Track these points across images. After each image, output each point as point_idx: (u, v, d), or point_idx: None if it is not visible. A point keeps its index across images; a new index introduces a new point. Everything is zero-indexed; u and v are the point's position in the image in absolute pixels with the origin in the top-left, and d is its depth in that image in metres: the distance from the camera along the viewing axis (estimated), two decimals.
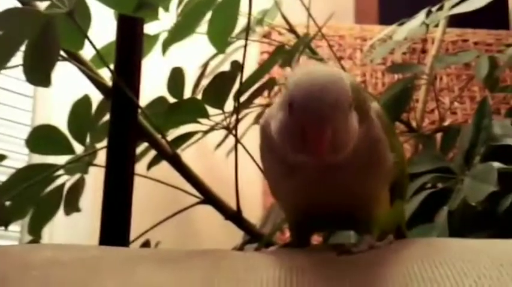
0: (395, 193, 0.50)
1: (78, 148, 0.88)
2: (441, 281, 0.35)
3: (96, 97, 0.87)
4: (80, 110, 0.87)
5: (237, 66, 0.76)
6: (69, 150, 0.88)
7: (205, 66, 1.05)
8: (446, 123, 1.29)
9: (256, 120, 1.06)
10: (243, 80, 0.77)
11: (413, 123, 1.04)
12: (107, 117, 0.86)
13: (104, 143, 0.80)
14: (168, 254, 0.44)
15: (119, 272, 0.40)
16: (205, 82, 0.88)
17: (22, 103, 1.18)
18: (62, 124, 0.88)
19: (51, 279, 0.38)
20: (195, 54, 1.12)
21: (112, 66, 0.75)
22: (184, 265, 0.42)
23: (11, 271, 0.38)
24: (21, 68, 0.69)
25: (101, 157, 0.82)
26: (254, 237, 0.85)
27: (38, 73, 0.66)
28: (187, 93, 0.90)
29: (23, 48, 0.68)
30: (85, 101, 0.87)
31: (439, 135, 0.95)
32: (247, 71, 0.79)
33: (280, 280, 0.39)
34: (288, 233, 0.96)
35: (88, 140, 0.89)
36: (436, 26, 1.09)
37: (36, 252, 0.41)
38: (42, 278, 0.38)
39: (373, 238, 0.46)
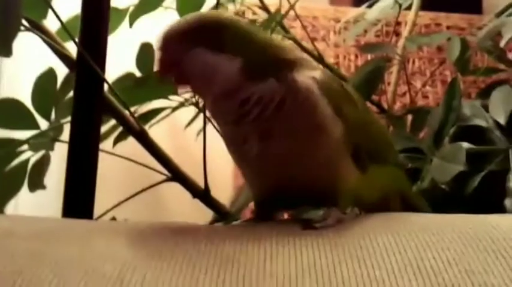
0: (370, 159, 0.48)
1: (44, 124, 0.86)
2: (403, 251, 0.35)
3: (63, 71, 0.85)
4: (44, 83, 0.84)
5: None
6: (34, 125, 0.86)
7: None
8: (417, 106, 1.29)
9: None
10: None
11: (385, 106, 1.04)
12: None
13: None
14: (127, 227, 0.43)
15: (77, 242, 0.39)
16: None
17: None
18: (28, 99, 0.86)
19: (8, 248, 0.37)
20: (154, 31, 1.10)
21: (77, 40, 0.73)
22: (144, 237, 0.41)
23: None
24: None
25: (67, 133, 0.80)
26: (223, 216, 0.84)
27: (3, 42, 0.64)
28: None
29: None
30: (49, 74, 0.85)
31: (409, 117, 0.95)
32: None
33: (235, 252, 0.39)
34: None
35: (53, 115, 0.87)
36: (409, 8, 1.09)
37: None
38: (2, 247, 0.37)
39: (339, 211, 0.45)
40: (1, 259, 0.36)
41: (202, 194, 0.83)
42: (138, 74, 0.85)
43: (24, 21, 0.72)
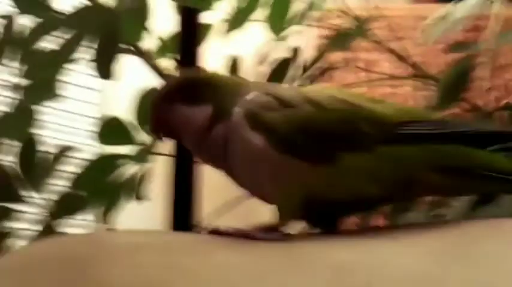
0: (333, 147, 0.46)
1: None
2: None
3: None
4: (146, 101, 0.89)
5: (296, 53, 0.77)
6: (133, 141, 0.91)
7: (260, 53, 1.06)
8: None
9: None
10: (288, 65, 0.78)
11: (477, 102, 1.02)
12: None
13: None
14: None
15: (196, 254, 0.41)
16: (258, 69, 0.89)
17: (90, 96, 1.23)
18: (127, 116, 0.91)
19: (135, 261, 0.40)
20: (242, 42, 1.13)
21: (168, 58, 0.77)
22: (260, 248, 0.43)
23: (98, 254, 0.40)
24: (87, 62, 0.72)
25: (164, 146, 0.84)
26: None
27: (103, 66, 0.68)
28: None
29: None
30: (150, 93, 0.89)
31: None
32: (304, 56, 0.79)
33: (354, 261, 0.40)
34: None
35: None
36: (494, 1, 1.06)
37: (119, 237, 0.43)
38: (127, 260, 0.40)
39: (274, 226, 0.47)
40: (135, 271, 0.39)
41: None
42: None
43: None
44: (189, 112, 0.50)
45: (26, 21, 0.81)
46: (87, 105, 1.25)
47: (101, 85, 1.23)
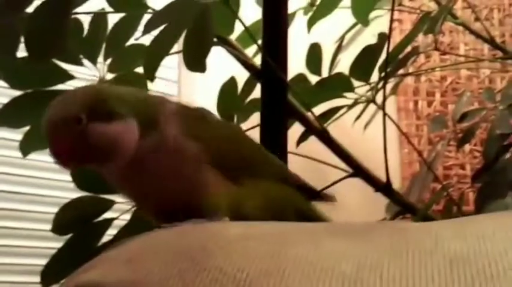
0: (242, 173, 0.53)
1: None
2: None
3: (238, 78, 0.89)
4: (228, 91, 0.90)
5: (384, 38, 0.75)
6: None
7: (341, 40, 1.04)
8: None
9: (394, 91, 1.04)
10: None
11: None
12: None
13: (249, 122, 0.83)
14: (347, 227, 0.46)
15: (308, 243, 0.41)
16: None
17: (168, 88, 1.25)
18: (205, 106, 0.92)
19: (248, 250, 0.40)
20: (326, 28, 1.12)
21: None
22: (368, 237, 0.43)
23: (211, 244, 0.41)
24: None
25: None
26: (405, 208, 0.85)
27: (195, 60, 0.69)
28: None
29: None
30: (232, 82, 0.90)
31: None
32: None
33: (463, 250, 0.39)
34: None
35: (235, 120, 0.93)
36: None
37: (229, 228, 0.44)
38: (240, 250, 0.40)
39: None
40: (249, 261, 0.39)
41: (385, 188, 0.84)
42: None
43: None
44: (111, 129, 0.47)
45: (113, 18, 0.83)
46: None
47: (183, 78, 1.24)
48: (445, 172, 1.39)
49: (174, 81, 1.26)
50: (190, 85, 1.24)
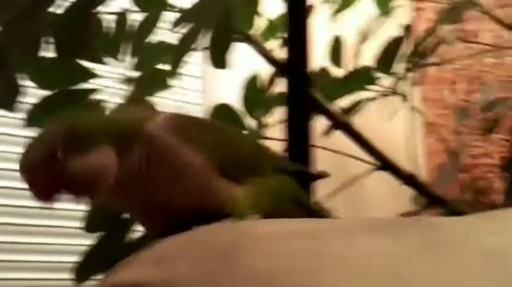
0: (242, 173, 0.53)
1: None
2: None
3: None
4: (250, 87, 0.90)
5: (409, 29, 0.75)
6: (242, 126, 0.92)
7: (364, 31, 1.04)
8: None
9: (419, 81, 1.03)
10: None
11: None
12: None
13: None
14: (378, 223, 0.45)
15: (340, 240, 0.41)
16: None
17: (192, 84, 1.26)
18: (229, 101, 0.92)
19: (279, 248, 0.40)
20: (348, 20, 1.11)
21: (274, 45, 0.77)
22: (400, 233, 0.43)
23: (242, 242, 0.41)
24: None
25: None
26: (433, 200, 0.84)
27: (218, 56, 0.69)
28: None
29: None
30: (254, 78, 0.90)
31: None
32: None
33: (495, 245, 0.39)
34: None
35: (259, 114, 0.93)
36: None
37: (258, 226, 0.44)
38: (271, 248, 0.40)
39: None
40: (282, 259, 0.40)
41: (411, 180, 0.83)
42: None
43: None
44: (92, 159, 0.48)
45: (137, 17, 0.84)
46: (191, 93, 1.27)
47: (202, 72, 1.25)
48: (472, 161, 1.38)
49: (198, 77, 1.27)
50: (214, 81, 1.24)
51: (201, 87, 1.26)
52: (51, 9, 0.71)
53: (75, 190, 0.49)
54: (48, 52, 0.78)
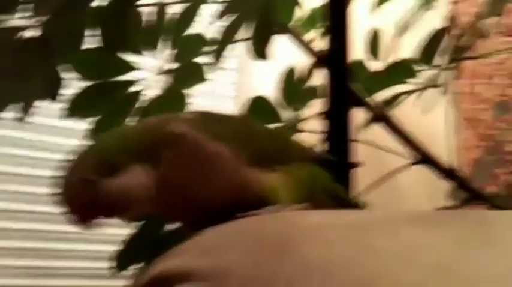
0: (271, 162, 0.53)
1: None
2: None
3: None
4: (287, 79, 0.90)
5: (452, 22, 0.74)
6: (277, 119, 0.92)
7: (402, 24, 1.02)
8: None
9: (455, 75, 1.02)
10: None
11: None
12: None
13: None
14: (424, 215, 0.45)
15: (385, 232, 0.41)
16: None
17: (227, 77, 1.26)
18: (264, 94, 0.92)
19: (329, 239, 0.40)
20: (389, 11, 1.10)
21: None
22: (447, 226, 0.42)
23: (293, 232, 0.41)
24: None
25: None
26: (473, 194, 0.83)
27: (259, 48, 0.69)
28: None
29: None
30: (291, 70, 0.90)
31: None
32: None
33: None
34: None
35: (294, 107, 0.93)
36: None
37: (307, 217, 0.44)
38: (321, 239, 0.40)
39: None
40: (331, 250, 0.39)
41: (451, 174, 0.82)
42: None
43: None
44: (123, 181, 0.49)
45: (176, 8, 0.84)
46: (225, 86, 1.28)
47: (237, 65, 1.25)
48: (509, 157, 1.36)
49: (233, 70, 1.27)
50: (249, 73, 1.25)
51: (235, 80, 1.27)
52: (94, 2, 0.72)
53: (111, 212, 0.51)
54: (90, 44, 0.79)
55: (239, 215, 0.48)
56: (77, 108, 0.79)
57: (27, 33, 0.67)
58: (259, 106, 0.90)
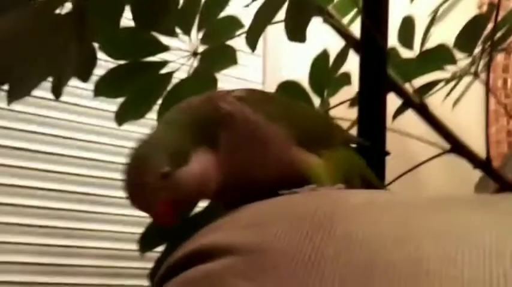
0: (315, 145, 0.53)
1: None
2: None
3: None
4: (319, 64, 0.89)
5: (492, 9, 0.72)
6: (311, 104, 0.91)
7: (435, 12, 1.01)
8: None
9: (488, 66, 1.00)
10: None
11: None
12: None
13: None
14: (476, 198, 0.44)
15: (435, 212, 0.40)
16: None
17: (253, 62, 1.25)
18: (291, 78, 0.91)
19: (375, 217, 0.39)
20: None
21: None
22: (501, 208, 0.41)
23: (337, 210, 0.40)
24: None
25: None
26: (505, 186, 0.81)
27: (296, 29, 0.68)
28: None
29: None
30: (324, 55, 0.89)
31: None
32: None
33: None
34: None
35: (327, 93, 0.92)
36: None
37: (351, 195, 0.43)
38: (366, 217, 0.39)
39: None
40: (377, 229, 0.38)
41: (484, 165, 0.81)
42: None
43: None
44: (197, 168, 0.49)
45: None
46: (251, 70, 1.27)
47: (268, 51, 1.24)
48: None
49: (259, 55, 1.26)
50: (275, 58, 1.24)
51: (261, 65, 1.26)
52: None
53: (189, 201, 0.52)
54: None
55: (279, 193, 0.47)
56: (104, 88, 0.79)
57: (65, 10, 0.66)
58: (291, 91, 0.90)
